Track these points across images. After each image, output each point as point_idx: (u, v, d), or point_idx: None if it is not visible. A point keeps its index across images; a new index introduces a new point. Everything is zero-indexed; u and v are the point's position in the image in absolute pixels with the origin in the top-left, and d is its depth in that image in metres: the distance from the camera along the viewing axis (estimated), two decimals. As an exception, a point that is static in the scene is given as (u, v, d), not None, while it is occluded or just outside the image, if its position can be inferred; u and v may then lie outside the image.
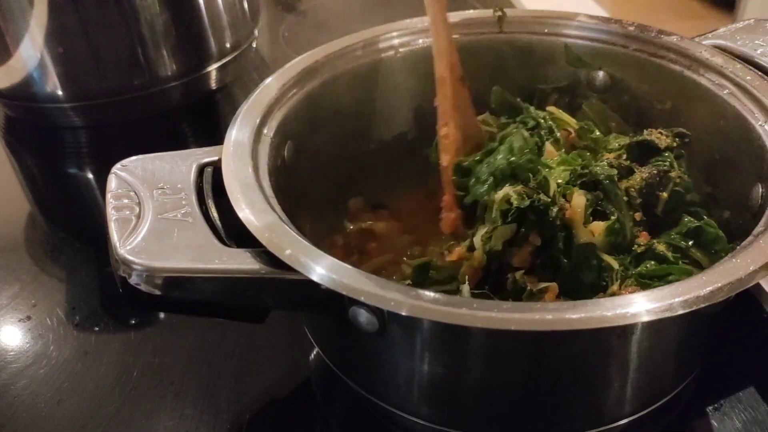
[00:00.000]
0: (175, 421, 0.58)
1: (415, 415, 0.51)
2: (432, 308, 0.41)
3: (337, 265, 0.44)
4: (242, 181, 0.50)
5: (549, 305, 0.43)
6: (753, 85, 0.59)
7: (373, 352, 0.49)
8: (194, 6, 0.92)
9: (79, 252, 0.78)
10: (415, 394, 0.50)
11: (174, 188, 0.51)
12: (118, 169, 0.52)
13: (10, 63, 0.89)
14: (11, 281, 0.73)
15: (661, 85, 0.65)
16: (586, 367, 0.47)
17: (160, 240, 0.46)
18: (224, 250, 0.46)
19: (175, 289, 0.45)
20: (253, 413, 0.59)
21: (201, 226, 0.48)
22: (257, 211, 0.47)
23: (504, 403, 0.50)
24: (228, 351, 0.64)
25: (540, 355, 0.46)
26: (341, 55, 0.67)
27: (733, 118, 0.59)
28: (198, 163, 0.54)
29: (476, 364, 0.47)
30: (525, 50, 0.71)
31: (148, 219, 0.48)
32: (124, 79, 0.91)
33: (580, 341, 0.45)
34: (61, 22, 0.85)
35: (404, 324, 0.45)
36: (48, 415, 0.59)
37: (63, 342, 0.65)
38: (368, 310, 0.44)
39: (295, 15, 1.23)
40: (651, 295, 0.42)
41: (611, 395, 0.49)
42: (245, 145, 0.54)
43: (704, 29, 0.67)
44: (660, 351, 0.48)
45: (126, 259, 0.45)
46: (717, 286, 0.42)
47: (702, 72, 0.62)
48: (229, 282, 0.45)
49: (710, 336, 0.54)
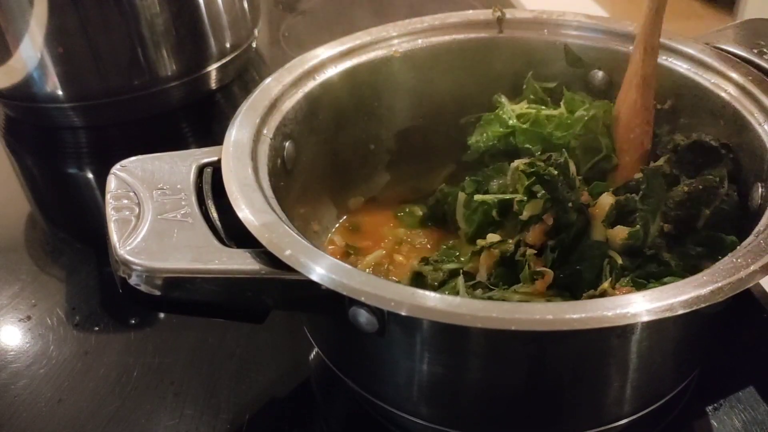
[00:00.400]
0: (175, 421, 0.58)
1: (415, 414, 0.51)
2: (433, 309, 0.41)
3: (338, 266, 0.44)
4: (242, 181, 0.50)
5: (549, 306, 0.43)
6: (753, 85, 0.58)
7: (372, 352, 0.49)
8: (194, 6, 0.92)
9: (79, 252, 0.77)
10: (415, 394, 0.50)
11: (174, 189, 0.51)
12: (117, 169, 0.52)
13: (10, 63, 0.89)
14: (11, 281, 0.72)
15: (660, 85, 0.64)
16: (586, 367, 0.47)
17: (160, 240, 0.46)
18: (224, 250, 0.46)
19: (175, 289, 0.45)
20: (253, 413, 0.58)
21: (201, 227, 0.47)
22: (257, 211, 0.47)
23: (503, 403, 0.49)
24: (228, 351, 0.64)
25: (540, 355, 0.46)
26: (341, 55, 0.66)
27: (733, 118, 0.59)
28: (197, 163, 0.53)
29: (476, 364, 0.47)
30: (523, 51, 0.71)
31: (147, 219, 0.47)
32: (124, 79, 0.91)
33: (581, 341, 0.45)
34: (61, 22, 0.85)
35: (404, 324, 0.45)
36: (48, 415, 0.59)
37: (63, 342, 0.65)
38: (368, 311, 0.44)
39: (295, 15, 1.23)
40: (651, 295, 0.42)
41: (611, 395, 0.49)
42: (245, 145, 0.54)
43: (704, 29, 0.67)
44: (660, 351, 0.48)
45: (126, 260, 0.44)
46: (717, 286, 0.42)
47: (701, 72, 0.62)
48: (229, 282, 0.45)
49: (710, 336, 0.53)
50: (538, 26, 0.70)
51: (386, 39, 0.68)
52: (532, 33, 0.70)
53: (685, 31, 0.64)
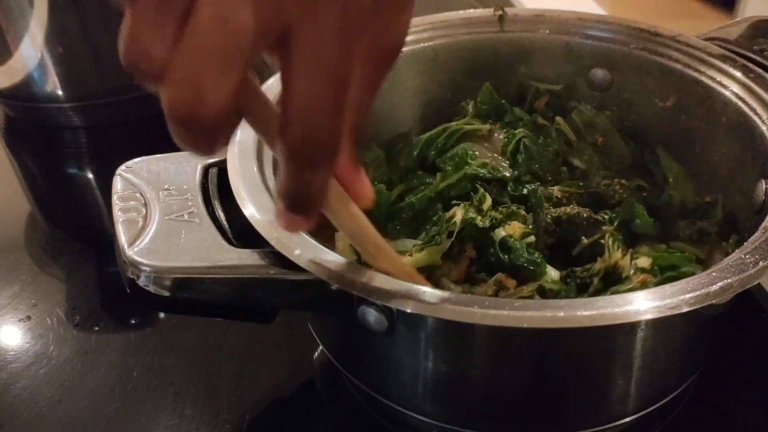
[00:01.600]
0: (175, 421, 0.57)
1: (420, 412, 0.51)
2: (444, 307, 0.40)
3: (347, 265, 0.43)
4: (248, 180, 0.49)
5: (561, 302, 0.42)
6: (755, 82, 0.58)
7: (380, 351, 0.48)
8: (194, 6, 0.91)
9: (79, 252, 0.76)
10: (421, 391, 0.49)
11: (180, 189, 0.50)
12: (123, 170, 0.51)
13: (10, 63, 0.88)
14: (11, 281, 0.72)
15: (661, 83, 0.64)
16: (593, 363, 0.46)
17: (168, 241, 0.45)
18: (232, 250, 0.45)
19: (183, 290, 0.44)
20: (254, 413, 0.58)
21: (208, 227, 0.47)
22: (264, 210, 0.46)
23: (510, 400, 0.49)
24: (229, 351, 0.63)
25: (552, 351, 0.45)
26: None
27: (735, 116, 0.58)
28: (203, 163, 0.53)
29: (483, 362, 0.47)
30: (524, 50, 0.70)
31: (155, 220, 0.47)
32: (124, 79, 0.87)
33: (589, 338, 0.44)
34: (61, 22, 0.84)
35: (414, 323, 0.44)
36: (48, 415, 0.58)
37: (63, 342, 0.64)
38: (377, 310, 0.43)
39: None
40: (661, 292, 0.41)
41: (616, 393, 0.49)
42: (250, 144, 0.53)
43: (704, 29, 0.66)
44: (666, 348, 0.47)
45: (134, 261, 0.44)
46: (727, 282, 0.41)
47: (703, 69, 0.61)
48: (238, 282, 0.44)
49: (715, 334, 0.53)
50: (539, 25, 0.70)
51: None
52: (533, 32, 0.70)
53: (684, 30, 0.64)
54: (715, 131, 0.60)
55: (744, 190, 0.57)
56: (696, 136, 0.63)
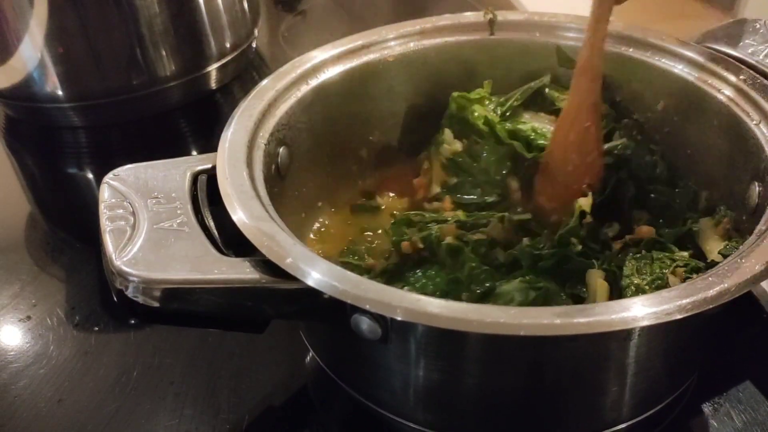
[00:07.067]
0: (175, 421, 0.55)
1: (413, 420, 0.49)
2: (439, 315, 0.38)
3: (340, 273, 0.41)
4: (238, 188, 0.47)
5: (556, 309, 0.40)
6: (746, 84, 0.56)
7: (373, 359, 0.46)
8: (194, 6, 0.88)
9: (79, 252, 0.74)
10: (413, 399, 0.47)
11: (168, 197, 0.47)
12: (110, 178, 0.49)
13: (10, 63, 0.85)
14: (11, 281, 0.69)
15: (653, 86, 0.62)
16: (587, 370, 0.44)
17: (157, 251, 0.43)
18: (222, 259, 0.43)
19: (173, 300, 0.42)
20: (253, 413, 0.56)
21: (197, 236, 0.44)
22: (255, 218, 0.44)
23: (504, 407, 0.47)
24: (228, 351, 0.61)
25: (547, 358, 0.43)
26: (334, 59, 0.62)
27: (727, 118, 0.56)
28: (192, 171, 0.50)
29: (477, 370, 0.45)
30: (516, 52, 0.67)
31: (143, 229, 0.44)
32: (124, 79, 0.87)
33: (584, 344, 0.42)
34: (61, 22, 0.82)
35: (407, 331, 0.42)
36: (48, 415, 0.56)
37: (63, 342, 0.62)
38: (371, 318, 0.41)
39: (295, 15, 1.19)
40: (657, 298, 0.39)
41: (611, 399, 0.47)
42: (240, 151, 0.50)
43: (704, 29, 0.63)
44: (662, 353, 0.45)
45: (122, 271, 0.41)
46: (724, 287, 0.40)
47: (695, 72, 0.59)
48: (229, 292, 0.42)
49: (711, 337, 0.51)
50: (530, 28, 0.67)
51: (379, 42, 0.65)
52: (524, 35, 0.67)
53: (685, 30, 0.62)
54: (707, 134, 0.58)
55: (737, 193, 0.54)
56: (688, 139, 0.60)
